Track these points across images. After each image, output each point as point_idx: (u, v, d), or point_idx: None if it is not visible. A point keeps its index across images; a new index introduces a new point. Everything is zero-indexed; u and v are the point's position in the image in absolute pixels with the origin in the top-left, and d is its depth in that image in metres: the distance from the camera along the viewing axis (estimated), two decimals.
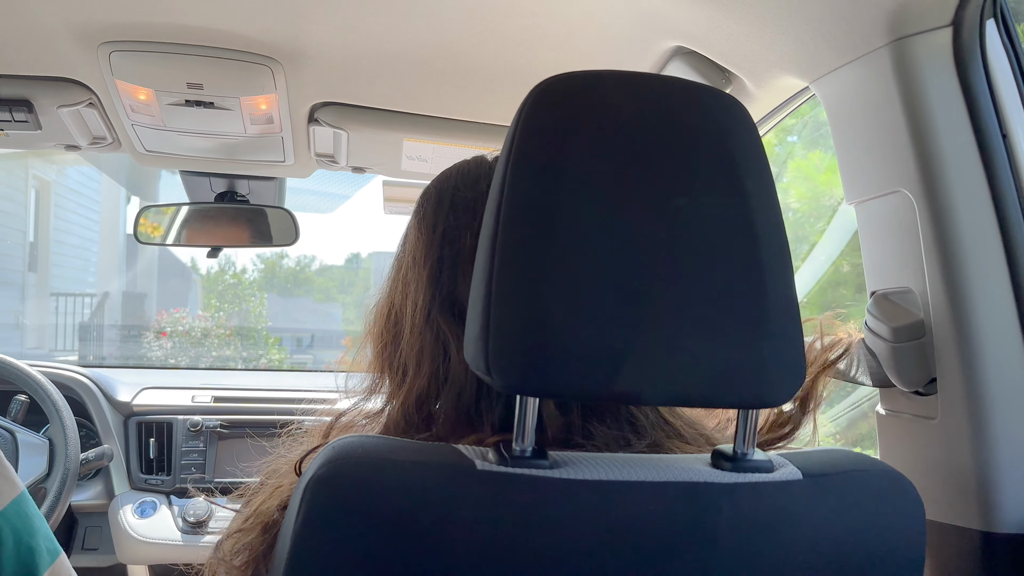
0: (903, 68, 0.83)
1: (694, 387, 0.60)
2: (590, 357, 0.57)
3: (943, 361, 0.84)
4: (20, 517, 0.61)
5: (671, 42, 1.09)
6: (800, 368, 0.62)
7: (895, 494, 0.66)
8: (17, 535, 0.60)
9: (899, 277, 0.89)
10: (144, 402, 2.03)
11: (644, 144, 0.60)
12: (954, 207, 0.82)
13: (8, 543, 0.59)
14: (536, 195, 0.58)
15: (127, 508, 1.92)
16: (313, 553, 0.56)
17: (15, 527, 0.60)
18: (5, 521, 0.59)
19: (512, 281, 0.57)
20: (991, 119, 0.83)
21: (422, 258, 0.75)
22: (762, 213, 0.61)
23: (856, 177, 0.93)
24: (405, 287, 0.76)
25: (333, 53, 1.22)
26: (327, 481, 0.56)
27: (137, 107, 1.34)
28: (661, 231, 0.59)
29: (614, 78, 0.63)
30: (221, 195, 1.76)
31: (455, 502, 0.56)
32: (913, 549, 0.67)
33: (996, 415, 0.80)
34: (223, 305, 10.01)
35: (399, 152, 1.50)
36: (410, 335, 0.74)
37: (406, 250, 0.77)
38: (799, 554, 0.61)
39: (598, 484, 0.59)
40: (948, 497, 0.83)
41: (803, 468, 0.64)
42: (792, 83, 1.04)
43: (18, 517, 0.60)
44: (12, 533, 0.60)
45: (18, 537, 0.60)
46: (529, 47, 1.17)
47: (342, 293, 11.74)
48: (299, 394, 2.12)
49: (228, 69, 1.23)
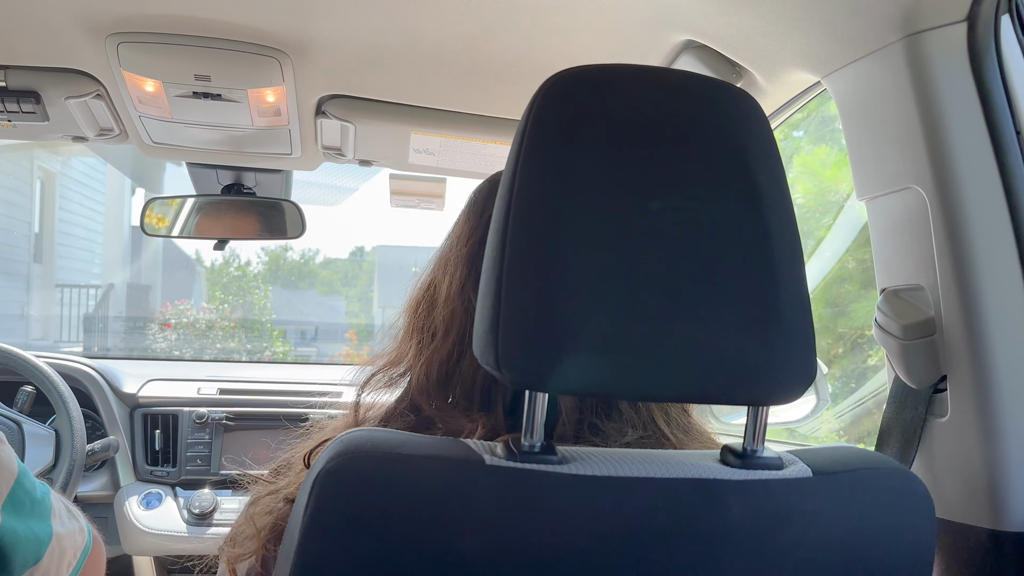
0: (916, 64, 0.83)
1: (705, 384, 0.59)
2: (600, 353, 0.57)
3: (954, 359, 0.83)
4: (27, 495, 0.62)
5: (682, 36, 1.08)
6: (811, 365, 0.61)
7: (905, 492, 0.66)
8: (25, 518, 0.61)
9: (910, 274, 0.88)
10: (150, 394, 2.03)
11: (655, 138, 0.60)
12: (966, 204, 0.81)
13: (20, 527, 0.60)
14: (547, 190, 0.58)
15: (132, 499, 1.93)
16: (321, 547, 0.56)
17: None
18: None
19: (522, 276, 0.57)
20: (1005, 116, 0.82)
21: (465, 239, 0.79)
22: (774, 208, 0.61)
23: (867, 173, 0.93)
24: (446, 264, 0.80)
25: (341, 45, 1.21)
26: (335, 475, 0.56)
27: (145, 99, 1.34)
28: (672, 226, 0.58)
29: (625, 72, 0.62)
30: (228, 187, 1.76)
31: (464, 497, 0.56)
32: (923, 547, 0.66)
33: (1007, 413, 0.80)
34: (227, 297, 10.04)
35: (406, 145, 1.49)
36: (443, 305, 0.78)
37: (453, 233, 0.82)
38: (809, 551, 0.61)
39: (607, 480, 0.59)
40: (958, 495, 0.83)
41: (813, 465, 0.63)
42: (803, 78, 1.03)
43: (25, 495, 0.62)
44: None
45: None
46: (539, 40, 1.16)
47: (346, 286, 11.76)
48: (304, 387, 2.12)
49: (236, 61, 1.22)
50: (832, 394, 2.35)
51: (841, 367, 3.23)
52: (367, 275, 11.81)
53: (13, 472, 0.63)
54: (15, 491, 0.63)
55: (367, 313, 11.55)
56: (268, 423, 2.01)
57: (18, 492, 0.64)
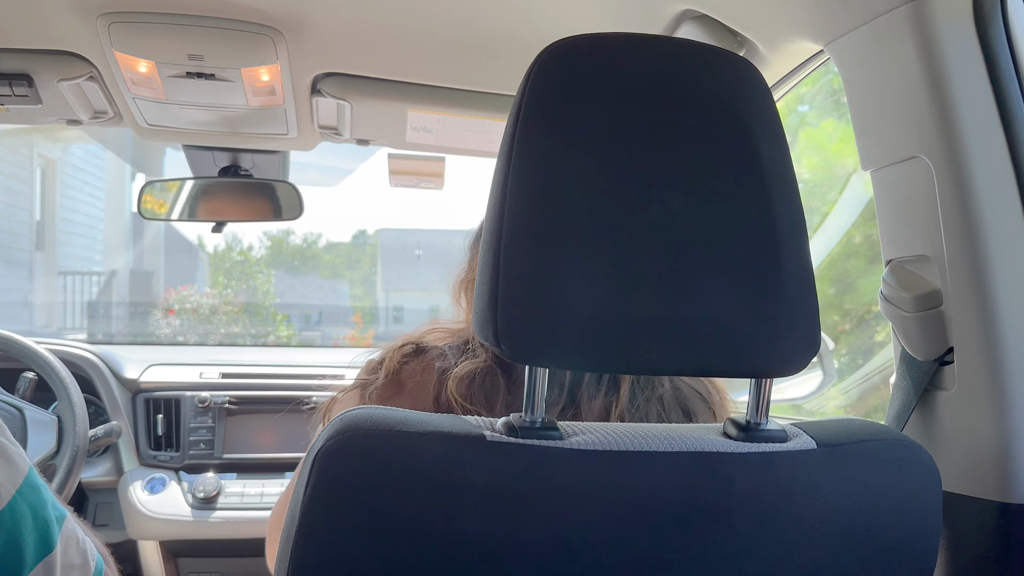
0: (921, 29, 0.81)
1: (707, 356, 0.59)
2: (600, 327, 0.56)
3: (960, 331, 0.82)
4: (33, 491, 0.62)
5: (681, 5, 1.06)
6: (815, 336, 0.61)
7: (911, 464, 0.65)
8: (34, 510, 0.61)
9: (916, 245, 0.87)
10: (152, 379, 2.04)
11: (654, 108, 0.59)
12: (973, 173, 0.80)
13: (28, 519, 0.60)
14: (544, 162, 0.57)
15: (136, 484, 1.93)
16: (321, 524, 0.55)
17: (31, 503, 0.61)
18: (23, 499, 0.61)
19: (521, 250, 0.56)
20: (1013, 83, 0.81)
21: None
22: (776, 178, 0.60)
23: (872, 143, 0.91)
24: None
25: (335, 22, 1.19)
26: (335, 452, 0.56)
27: (138, 80, 1.32)
28: (673, 196, 0.58)
29: (622, 41, 0.61)
30: (224, 169, 1.75)
31: (464, 473, 0.56)
32: (929, 519, 0.66)
33: (1015, 385, 0.79)
34: (230, 282, 10.06)
35: (404, 123, 1.48)
36: None
37: None
38: (814, 524, 0.60)
39: (609, 454, 0.58)
40: (964, 468, 0.82)
41: (817, 438, 0.63)
42: (806, 47, 1.02)
43: (32, 492, 0.62)
44: (30, 509, 0.61)
45: (35, 512, 0.61)
46: (535, 14, 1.15)
47: (349, 269, 11.77)
48: (307, 370, 2.12)
49: (229, 39, 1.21)
50: (838, 370, 2.35)
51: (848, 343, 3.23)
52: (370, 258, 11.82)
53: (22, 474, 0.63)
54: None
55: (371, 296, 11.57)
56: (271, 406, 2.01)
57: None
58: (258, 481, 1.94)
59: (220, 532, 1.88)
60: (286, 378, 2.07)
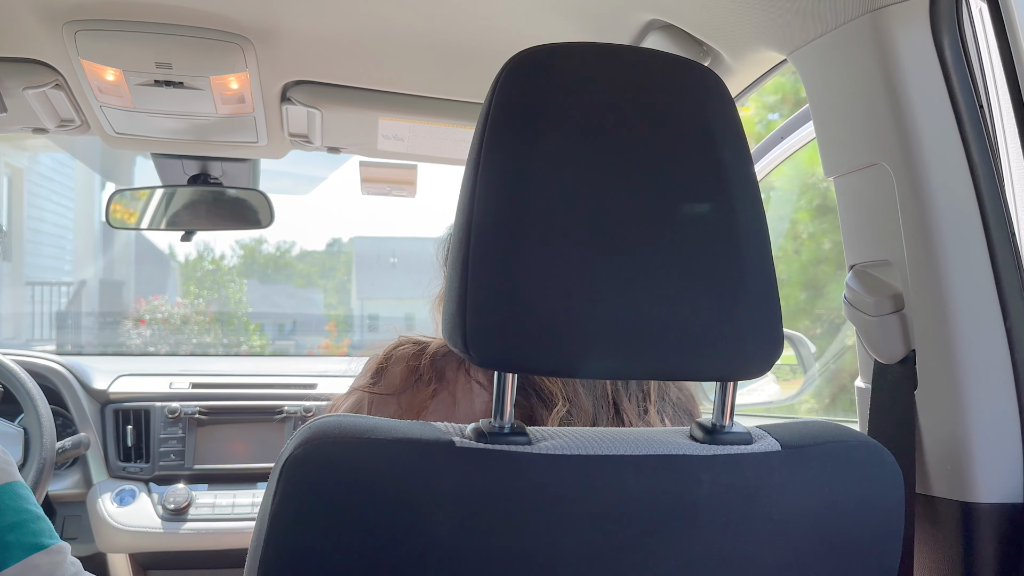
0: (880, 39, 0.83)
1: (673, 360, 0.59)
2: (568, 332, 0.56)
3: (922, 333, 0.84)
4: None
5: (648, 15, 1.07)
6: (778, 339, 0.62)
7: (874, 465, 0.67)
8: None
9: (878, 250, 0.88)
10: (121, 389, 2.01)
11: (620, 116, 0.60)
12: (932, 179, 0.82)
13: None
14: (511, 169, 0.58)
15: (106, 496, 1.90)
16: (289, 534, 0.55)
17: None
18: None
19: (488, 257, 0.57)
20: (968, 91, 0.82)
21: None
22: (739, 184, 0.61)
23: (834, 150, 0.93)
24: None
25: (304, 30, 1.19)
26: (302, 461, 0.56)
27: (105, 88, 1.31)
28: (638, 203, 0.58)
29: (589, 49, 0.62)
30: (194, 178, 1.73)
31: (433, 479, 0.56)
32: (893, 520, 0.67)
33: (973, 387, 0.80)
34: (202, 292, 9.96)
35: (375, 131, 1.48)
36: None
37: None
38: (779, 524, 0.61)
39: (577, 459, 0.58)
40: (928, 469, 0.84)
41: (782, 440, 0.64)
42: (770, 56, 1.03)
43: None
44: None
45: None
46: (504, 23, 1.15)
47: (323, 278, 11.71)
48: (279, 379, 2.10)
49: (197, 47, 1.20)
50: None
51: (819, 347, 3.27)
52: (345, 266, 11.76)
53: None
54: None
55: (346, 305, 11.51)
56: (243, 416, 2.00)
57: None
58: (229, 492, 1.92)
59: (191, 544, 1.86)
60: (258, 387, 2.05)
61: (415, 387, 0.80)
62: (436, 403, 0.79)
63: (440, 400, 0.79)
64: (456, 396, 0.80)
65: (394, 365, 0.83)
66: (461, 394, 0.79)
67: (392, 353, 0.84)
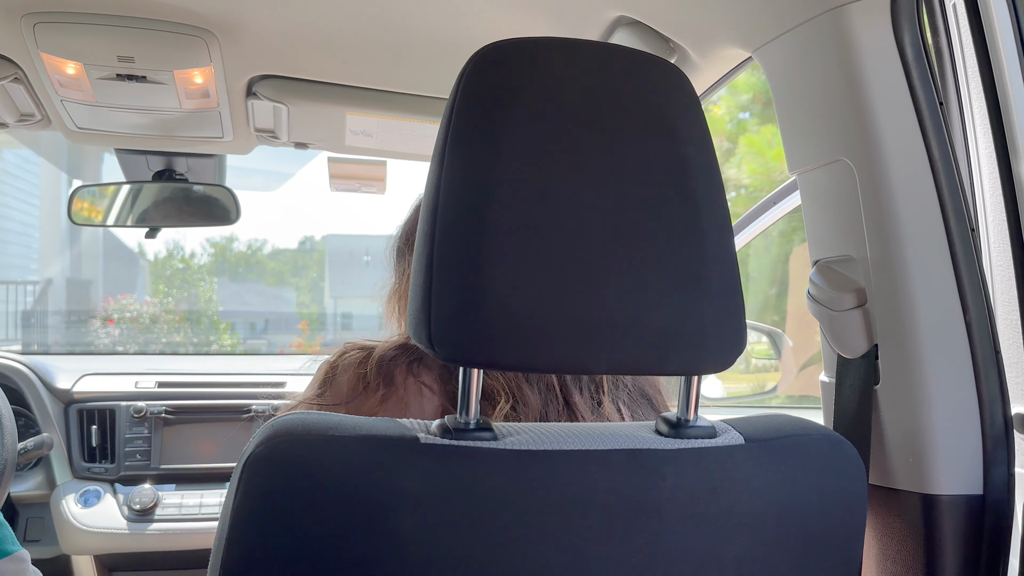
0: (842, 36, 0.83)
1: (637, 355, 0.59)
2: (533, 327, 0.56)
3: (884, 328, 0.85)
4: None
5: (615, 12, 1.07)
6: (741, 333, 0.62)
7: (837, 458, 0.67)
8: None
9: (841, 246, 0.89)
10: (85, 389, 1.98)
11: (584, 111, 0.60)
12: (893, 175, 0.83)
13: None
14: (475, 164, 0.58)
15: (70, 498, 1.88)
16: (251, 533, 0.55)
17: None
18: None
19: (453, 253, 0.56)
20: (928, 87, 0.83)
21: None
22: (702, 180, 0.61)
23: (798, 147, 0.94)
24: None
25: (270, 24, 1.18)
26: (264, 460, 0.55)
27: (66, 82, 1.28)
28: (602, 198, 0.58)
29: (554, 44, 0.62)
30: (159, 174, 1.71)
31: (398, 476, 0.55)
32: (855, 512, 0.68)
33: (933, 381, 0.81)
34: (171, 291, 9.84)
35: (343, 126, 1.46)
36: None
37: None
38: (743, 517, 0.62)
39: (543, 454, 0.59)
40: (891, 462, 0.85)
41: (745, 433, 0.64)
42: (736, 53, 1.04)
43: None
44: None
45: None
46: (471, 18, 1.15)
47: (296, 276, 11.62)
48: (248, 378, 2.08)
49: (160, 41, 1.18)
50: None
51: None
52: (317, 264, 11.68)
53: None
54: None
55: (319, 303, 11.43)
56: (210, 415, 1.97)
57: None
58: (197, 492, 1.90)
59: (157, 544, 1.83)
60: (225, 386, 2.03)
61: (363, 394, 0.80)
62: (385, 409, 0.78)
63: (389, 406, 0.79)
64: (406, 400, 0.79)
65: (341, 374, 0.82)
66: (411, 398, 0.79)
67: (338, 362, 0.83)
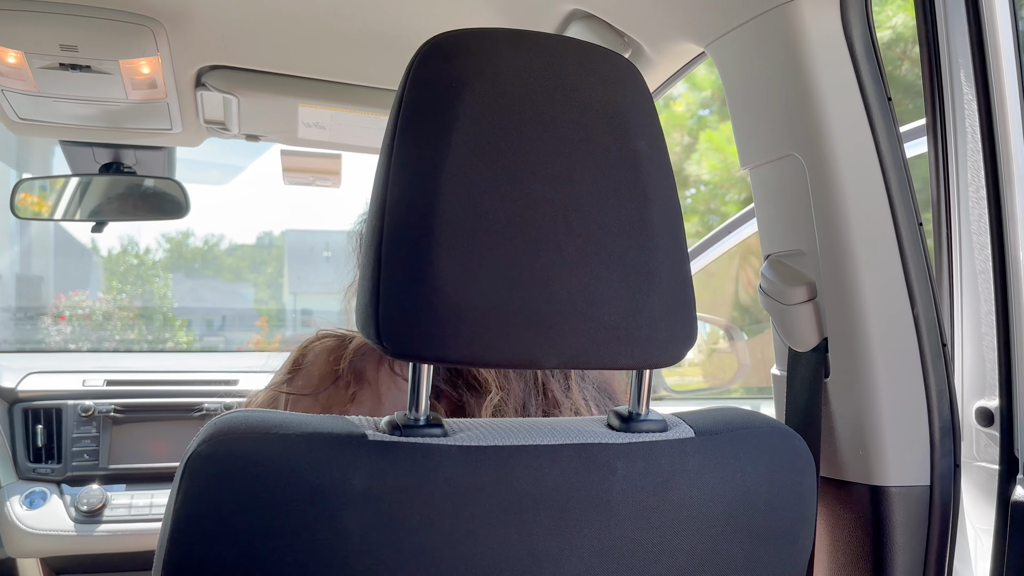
0: (792, 31, 0.84)
1: (588, 349, 0.59)
2: (482, 322, 0.56)
3: (833, 322, 0.86)
4: None
5: (570, 5, 1.07)
6: (692, 328, 0.62)
7: (787, 451, 0.68)
8: None
9: (792, 240, 0.90)
10: (30, 387, 1.92)
11: (535, 103, 0.59)
12: (841, 170, 0.83)
13: None
14: (424, 156, 0.57)
15: (14, 499, 1.82)
16: (194, 533, 0.53)
17: None
18: None
19: (401, 246, 0.56)
20: (877, 83, 0.84)
21: None
22: (653, 174, 0.61)
23: (749, 142, 0.94)
24: None
25: (218, 13, 1.15)
26: (207, 459, 0.54)
27: (6, 71, 1.24)
28: (552, 191, 0.58)
29: (504, 36, 0.61)
30: (106, 166, 1.67)
31: (345, 473, 0.54)
32: (805, 504, 0.68)
33: (882, 374, 0.83)
34: (125, 287, 9.64)
35: (295, 118, 1.44)
36: None
37: None
38: (693, 510, 0.62)
39: (493, 450, 0.58)
40: (840, 454, 0.86)
41: (695, 426, 0.64)
42: (689, 48, 1.04)
43: None
44: None
45: None
46: (425, 9, 1.14)
47: (254, 272, 11.45)
48: (200, 375, 2.05)
49: (105, 30, 1.15)
50: None
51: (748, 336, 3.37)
52: (276, 260, 11.52)
53: None
54: None
55: (278, 299, 11.29)
56: (161, 414, 1.93)
57: None
58: (147, 492, 1.86)
59: (106, 546, 1.79)
60: (176, 384, 1.99)
61: (333, 388, 0.78)
62: (357, 405, 0.77)
63: (361, 401, 0.77)
64: (380, 393, 0.78)
65: (312, 362, 0.80)
66: (385, 390, 0.78)
67: (310, 347, 0.81)
